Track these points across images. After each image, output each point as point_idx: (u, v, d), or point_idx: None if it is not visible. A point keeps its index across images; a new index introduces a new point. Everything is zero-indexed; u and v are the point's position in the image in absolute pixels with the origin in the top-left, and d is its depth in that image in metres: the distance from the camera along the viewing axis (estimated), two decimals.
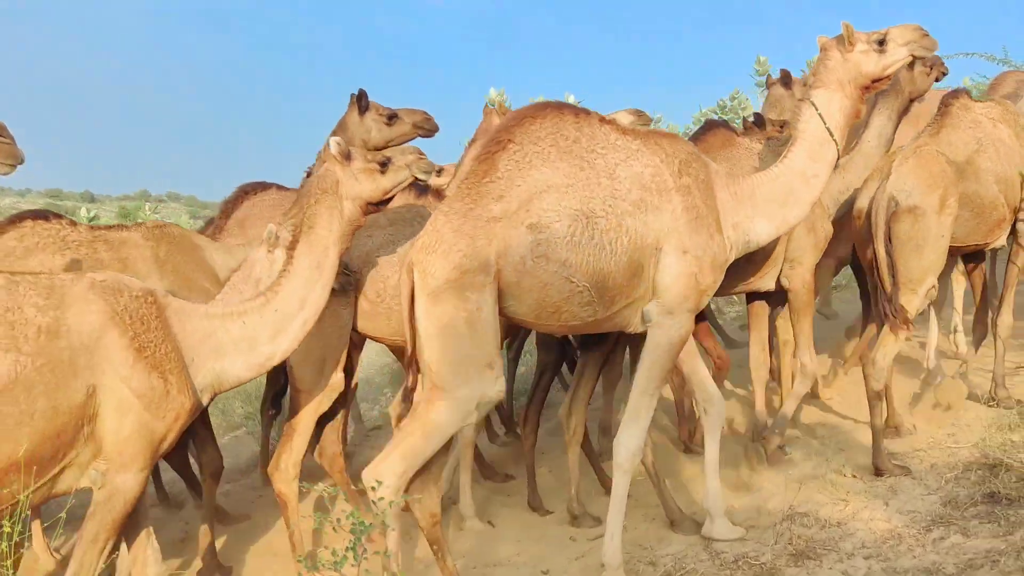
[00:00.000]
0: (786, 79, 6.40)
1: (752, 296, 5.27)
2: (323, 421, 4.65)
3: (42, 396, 2.84)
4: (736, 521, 4.18)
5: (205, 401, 3.49)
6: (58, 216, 4.62)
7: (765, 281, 4.92)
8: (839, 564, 3.55)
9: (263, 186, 5.64)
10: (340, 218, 3.77)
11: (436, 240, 3.56)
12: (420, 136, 5.57)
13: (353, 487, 4.59)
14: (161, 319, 3.23)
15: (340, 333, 4.52)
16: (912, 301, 4.64)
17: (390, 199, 4.04)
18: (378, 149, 5.23)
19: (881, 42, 4.04)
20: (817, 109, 4.02)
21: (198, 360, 3.36)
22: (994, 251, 5.92)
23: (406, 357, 3.69)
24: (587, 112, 3.87)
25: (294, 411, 4.51)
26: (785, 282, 4.95)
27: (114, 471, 3.04)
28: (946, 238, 4.70)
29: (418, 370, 3.62)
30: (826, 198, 4.91)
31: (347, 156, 3.84)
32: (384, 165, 3.89)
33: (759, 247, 4.19)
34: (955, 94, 5.27)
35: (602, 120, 3.85)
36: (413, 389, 3.70)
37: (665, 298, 3.73)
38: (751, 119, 5.58)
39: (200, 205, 31.28)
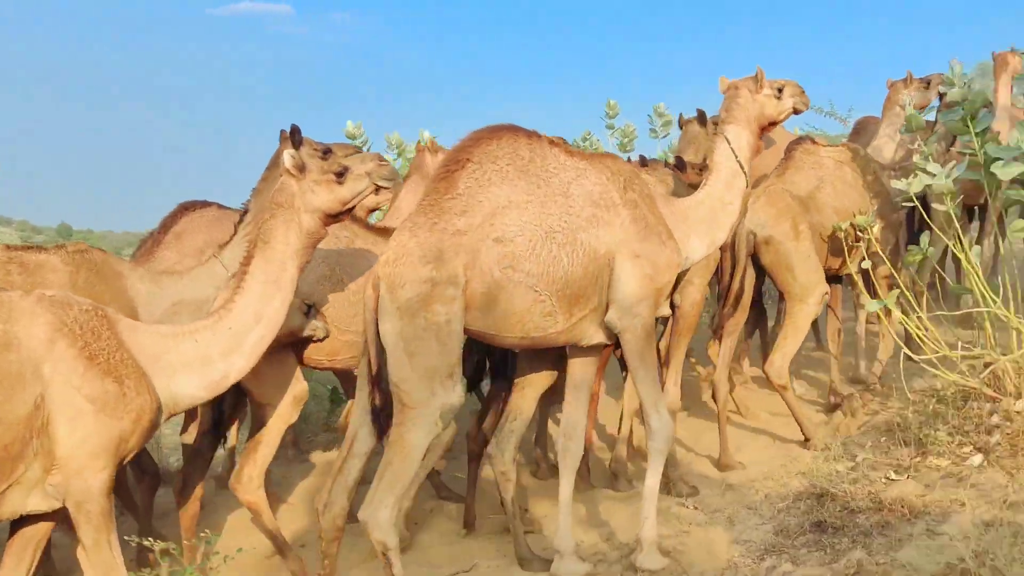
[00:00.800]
0: (702, 118, 6.80)
1: None
2: None
3: None
4: (585, 555, 4.25)
5: (163, 417, 3.40)
6: None
7: (664, 308, 4.95)
8: None
9: (203, 204, 5.59)
10: (298, 232, 3.72)
11: (403, 254, 3.64)
12: None
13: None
14: (113, 332, 3.22)
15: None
16: (803, 310, 5.47)
17: (351, 209, 4.00)
18: None
19: (780, 90, 4.57)
20: (730, 143, 4.42)
21: (152, 378, 3.30)
22: None
23: (369, 375, 3.71)
24: (537, 134, 4.07)
25: (259, 423, 4.38)
26: (677, 299, 5.21)
27: (72, 477, 3.02)
28: (812, 257, 5.52)
29: (379, 387, 3.67)
30: None
31: (301, 168, 3.77)
32: (341, 175, 3.83)
33: (690, 265, 4.54)
34: (799, 141, 6.10)
35: (551, 142, 4.07)
36: (382, 408, 3.71)
37: (624, 302, 3.95)
38: (673, 161, 5.89)
39: (33, 230, 29.19)
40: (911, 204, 5.32)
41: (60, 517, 3.22)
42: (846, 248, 5.65)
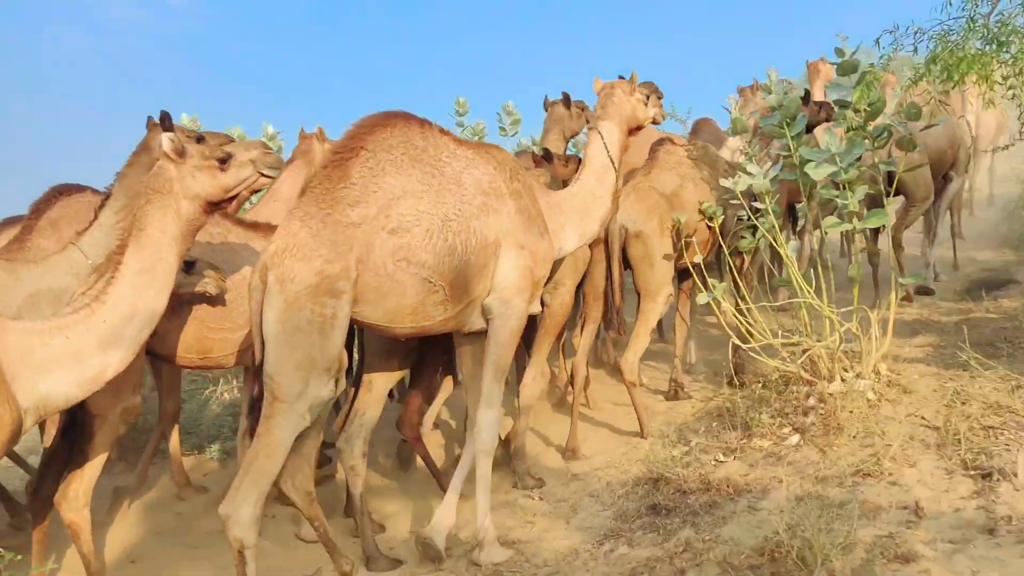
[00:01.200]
0: (566, 100, 7.12)
1: None
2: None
3: None
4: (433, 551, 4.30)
5: (29, 424, 3.19)
6: None
7: (535, 305, 5.07)
8: None
9: (78, 188, 5.17)
10: (176, 219, 3.59)
11: (294, 245, 3.55)
12: None
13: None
14: None
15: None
16: (654, 308, 5.77)
17: (234, 197, 3.92)
18: None
19: (647, 97, 4.89)
20: (603, 139, 4.62)
21: (19, 379, 3.09)
22: None
23: (255, 366, 3.63)
24: (429, 123, 4.09)
25: (89, 437, 4.07)
26: (545, 299, 5.29)
27: None
28: (670, 255, 5.75)
29: (261, 380, 3.59)
30: None
31: (182, 153, 3.63)
32: (224, 161, 3.71)
33: (564, 256, 4.68)
34: (661, 141, 6.44)
35: (442, 131, 4.11)
36: (259, 399, 3.62)
37: (504, 291, 4.07)
38: (540, 153, 6.08)
39: None
40: (738, 201, 5.65)
41: None
42: (683, 241, 5.93)
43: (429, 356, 4.92)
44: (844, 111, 5.41)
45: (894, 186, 6.27)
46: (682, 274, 6.57)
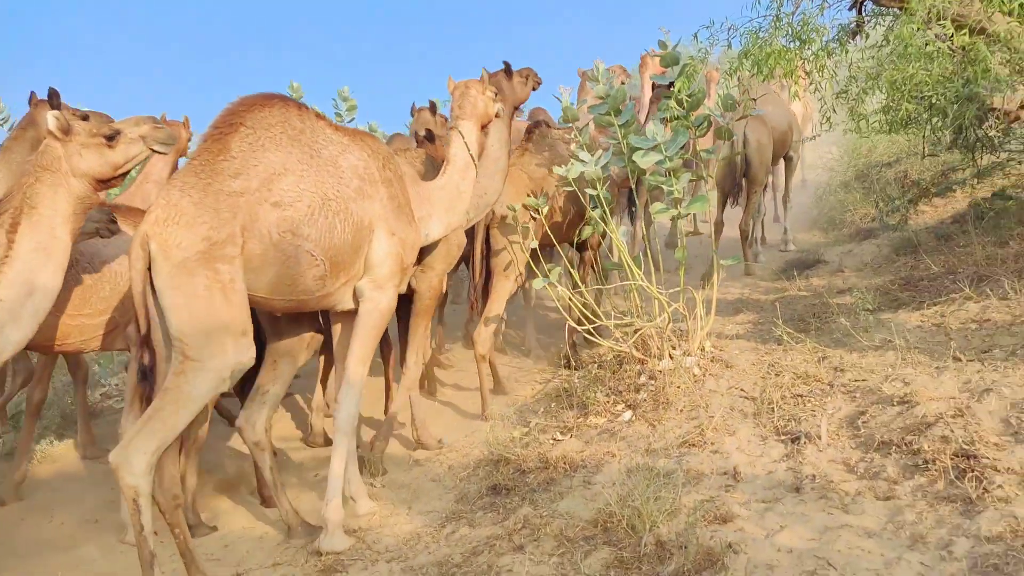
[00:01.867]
0: (433, 108, 7.30)
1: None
2: None
3: None
4: (268, 547, 4.20)
5: None
6: None
7: (401, 286, 4.84)
8: (364, 572, 3.75)
9: None
10: (67, 196, 3.61)
11: (175, 213, 3.53)
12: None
13: None
14: None
15: None
16: (506, 286, 5.99)
17: (125, 174, 3.86)
18: None
19: (496, 93, 5.11)
20: (464, 138, 4.84)
21: None
22: None
23: (137, 336, 3.53)
24: (306, 106, 4.16)
25: None
26: (414, 283, 5.27)
27: None
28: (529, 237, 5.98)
29: (152, 349, 3.53)
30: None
31: (67, 131, 3.63)
32: (112, 138, 3.70)
33: (429, 243, 4.81)
34: (536, 125, 6.66)
35: (318, 115, 4.17)
36: (152, 368, 3.56)
37: (376, 275, 4.21)
38: (423, 134, 6.23)
39: None
40: (571, 188, 5.83)
41: None
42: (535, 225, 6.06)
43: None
44: (667, 101, 5.70)
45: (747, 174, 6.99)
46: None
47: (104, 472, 5.16)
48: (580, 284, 6.18)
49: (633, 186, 5.92)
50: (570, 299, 5.78)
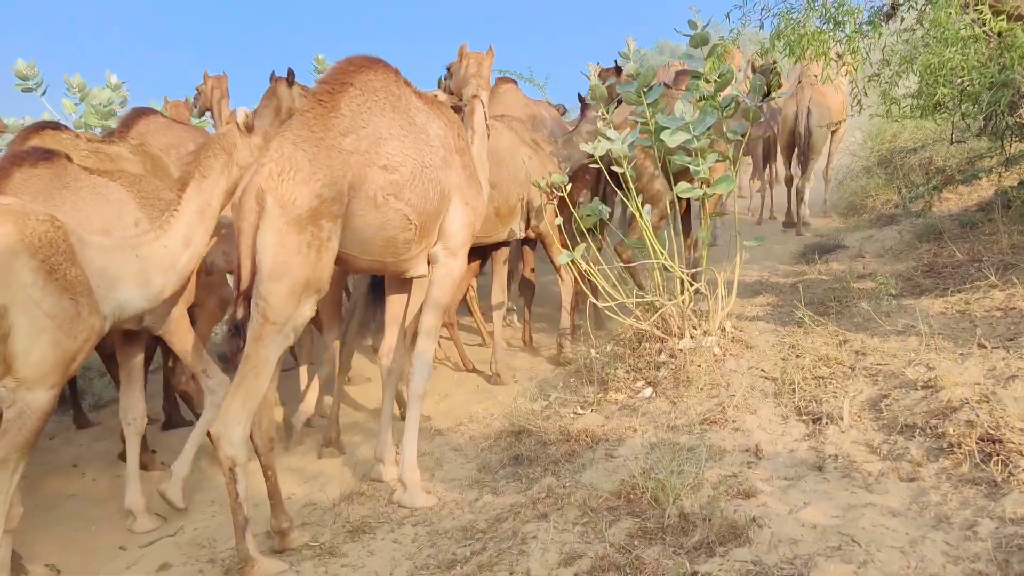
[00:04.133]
0: (291, 79, 6.99)
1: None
2: None
3: None
4: (295, 507, 4.28)
5: (106, 329, 3.52)
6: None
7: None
8: (391, 534, 3.83)
9: (151, 111, 6.38)
10: (228, 177, 4.05)
11: (291, 168, 3.56)
12: None
13: None
14: (67, 244, 3.26)
15: None
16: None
17: None
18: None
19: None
20: (484, 107, 4.90)
21: (101, 288, 3.43)
22: None
23: (237, 290, 3.60)
24: (400, 73, 4.24)
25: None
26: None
27: (25, 389, 3.07)
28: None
29: (248, 304, 3.54)
30: None
31: (249, 128, 4.14)
32: None
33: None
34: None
35: (406, 82, 4.24)
36: (244, 323, 3.58)
37: (451, 242, 4.31)
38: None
39: None
40: (597, 166, 5.83)
41: None
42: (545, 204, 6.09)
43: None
44: (696, 81, 5.68)
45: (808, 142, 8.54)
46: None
47: None
48: (600, 262, 6.20)
49: (659, 165, 5.89)
50: (595, 275, 5.79)
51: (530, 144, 6.49)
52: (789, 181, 10.12)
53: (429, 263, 4.35)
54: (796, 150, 9.89)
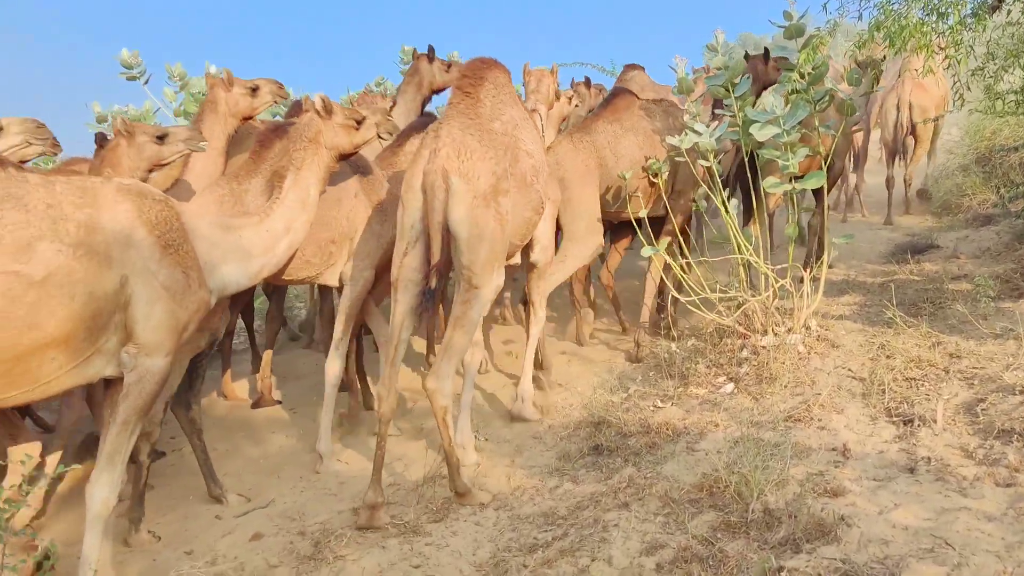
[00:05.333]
0: (431, 54, 7.30)
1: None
2: None
3: (81, 282, 3.06)
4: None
5: (212, 303, 3.72)
6: None
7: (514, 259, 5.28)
8: (472, 517, 3.90)
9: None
10: (320, 164, 4.29)
11: (466, 149, 3.96)
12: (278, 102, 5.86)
13: None
14: (180, 223, 3.49)
15: None
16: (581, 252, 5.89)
17: (356, 151, 4.59)
18: (246, 118, 5.64)
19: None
20: (541, 119, 5.58)
21: (208, 265, 3.65)
22: None
23: (426, 263, 3.91)
24: (509, 72, 4.69)
25: None
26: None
27: (144, 355, 3.29)
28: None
29: (441, 275, 3.89)
30: None
31: (329, 111, 4.35)
32: (360, 123, 4.44)
33: None
34: (616, 92, 6.59)
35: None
36: (436, 291, 3.90)
37: (542, 237, 5.10)
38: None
39: None
40: (682, 158, 5.79)
41: None
42: (630, 195, 6.05)
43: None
44: (788, 74, 5.58)
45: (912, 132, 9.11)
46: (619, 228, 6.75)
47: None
48: (686, 255, 6.15)
49: (750, 159, 5.80)
50: (679, 270, 5.75)
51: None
52: (890, 181, 9.89)
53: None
54: (894, 146, 9.75)
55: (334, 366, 4.81)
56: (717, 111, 5.90)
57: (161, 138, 4.59)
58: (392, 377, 4.05)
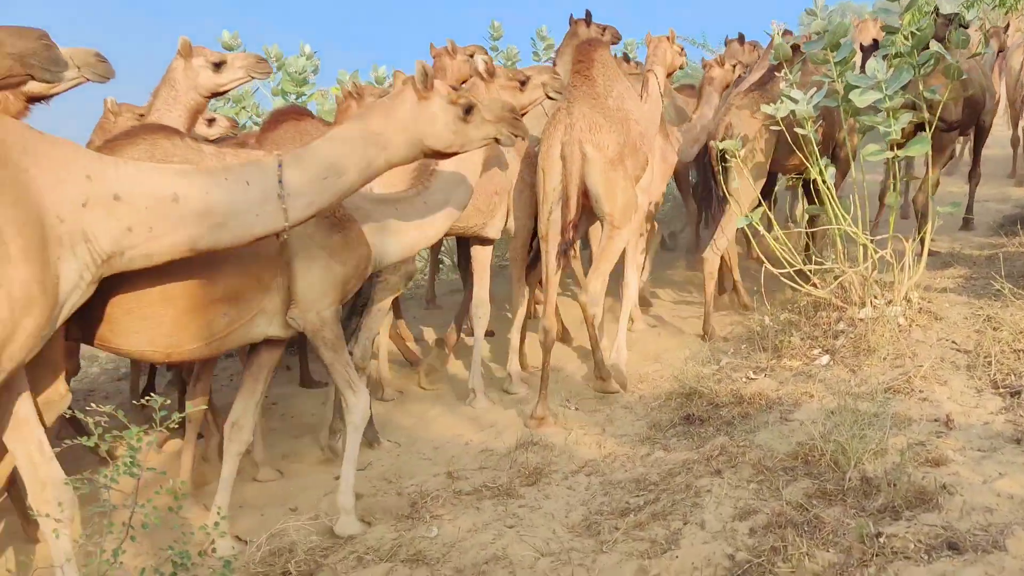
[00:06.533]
0: (588, 19, 7.38)
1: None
2: None
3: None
4: (473, 452, 4.51)
5: (369, 271, 3.90)
6: None
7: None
8: (564, 481, 3.97)
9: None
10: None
11: (596, 123, 4.77)
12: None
13: None
14: None
15: None
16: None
17: (525, 113, 4.74)
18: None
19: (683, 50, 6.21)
20: (656, 79, 5.78)
21: (370, 235, 3.78)
22: None
23: (564, 221, 4.77)
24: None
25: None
26: None
27: (305, 309, 3.51)
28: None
29: (573, 230, 4.82)
30: None
31: (491, 73, 4.52)
32: (524, 84, 4.63)
33: None
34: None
35: None
36: (572, 244, 5.01)
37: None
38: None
39: None
40: (778, 128, 5.66)
41: None
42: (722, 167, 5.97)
43: None
44: (891, 37, 5.39)
45: None
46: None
47: None
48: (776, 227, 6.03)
49: (845, 127, 5.63)
50: (773, 240, 5.64)
51: None
52: (1016, 142, 9.60)
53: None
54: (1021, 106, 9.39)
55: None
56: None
57: (218, 65, 4.66)
58: (551, 310, 5.00)
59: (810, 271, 5.49)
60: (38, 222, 2.55)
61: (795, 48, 5.87)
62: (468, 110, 3.30)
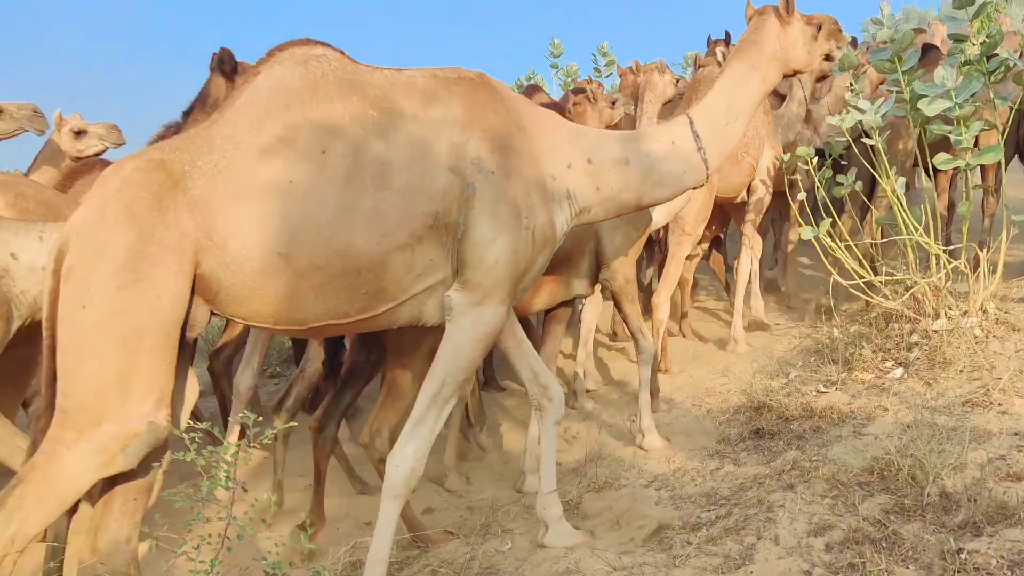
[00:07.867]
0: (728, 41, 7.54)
1: None
2: None
3: None
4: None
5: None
6: None
7: None
8: (634, 494, 3.98)
9: None
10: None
11: None
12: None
13: None
14: None
15: None
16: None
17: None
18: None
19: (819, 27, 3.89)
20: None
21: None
22: None
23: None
24: None
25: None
26: None
27: (615, 271, 4.33)
28: None
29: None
30: None
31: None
32: (820, 28, 3.65)
33: None
34: None
35: None
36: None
37: None
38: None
39: None
40: (844, 139, 5.62)
41: None
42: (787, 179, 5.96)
43: None
44: (960, 44, 5.30)
45: None
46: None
47: None
48: (846, 238, 5.96)
49: (915, 136, 5.54)
50: (842, 252, 5.58)
51: None
52: None
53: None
54: None
55: None
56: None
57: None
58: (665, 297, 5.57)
59: (880, 282, 5.41)
60: (541, 179, 3.07)
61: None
62: (819, 27, 3.57)
